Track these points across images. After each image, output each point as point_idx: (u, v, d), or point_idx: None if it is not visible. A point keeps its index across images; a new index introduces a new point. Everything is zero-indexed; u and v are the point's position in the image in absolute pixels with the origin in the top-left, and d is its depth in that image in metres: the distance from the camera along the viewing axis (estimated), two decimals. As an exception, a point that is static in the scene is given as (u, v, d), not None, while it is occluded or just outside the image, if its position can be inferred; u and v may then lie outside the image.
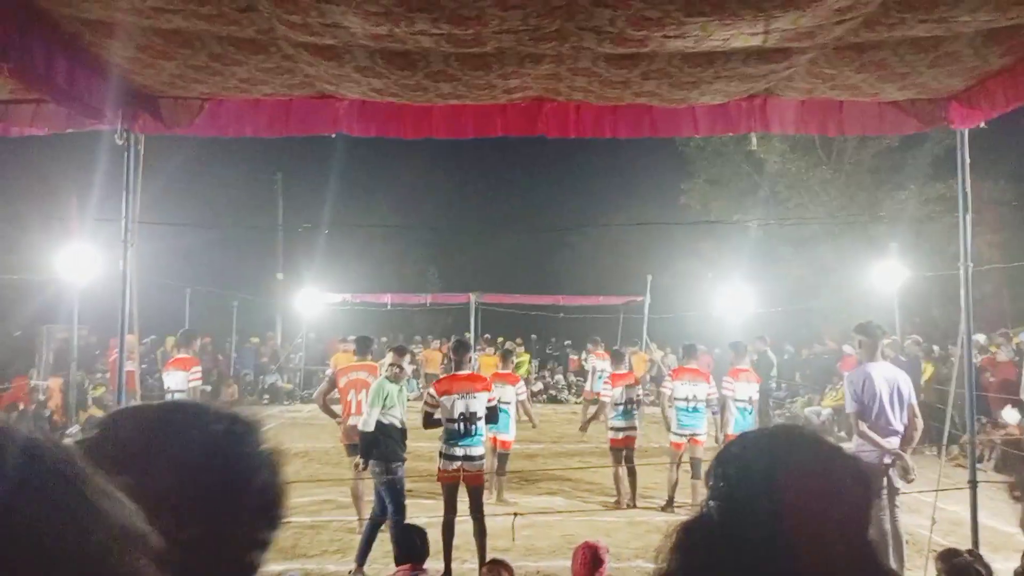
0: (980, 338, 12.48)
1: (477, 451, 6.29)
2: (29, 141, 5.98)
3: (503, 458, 8.79)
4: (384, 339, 22.22)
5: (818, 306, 20.00)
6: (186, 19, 3.71)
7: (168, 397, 8.13)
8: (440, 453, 6.34)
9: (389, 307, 22.32)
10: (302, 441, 13.50)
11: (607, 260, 29.52)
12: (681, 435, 8.33)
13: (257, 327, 23.07)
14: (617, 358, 9.56)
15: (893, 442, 5.61)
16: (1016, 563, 3.66)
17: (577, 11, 3.44)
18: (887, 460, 5.54)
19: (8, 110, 5.24)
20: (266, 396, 20.59)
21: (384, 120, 5.30)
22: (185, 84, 4.82)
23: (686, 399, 8.36)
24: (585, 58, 4.16)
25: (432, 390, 6.42)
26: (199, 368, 8.11)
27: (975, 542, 5.29)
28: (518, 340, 23.15)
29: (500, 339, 22.95)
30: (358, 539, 6.39)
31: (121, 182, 5.59)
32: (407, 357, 7.00)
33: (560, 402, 20.64)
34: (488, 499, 8.30)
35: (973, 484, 5.49)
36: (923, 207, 19.16)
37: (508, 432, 8.70)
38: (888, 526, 5.42)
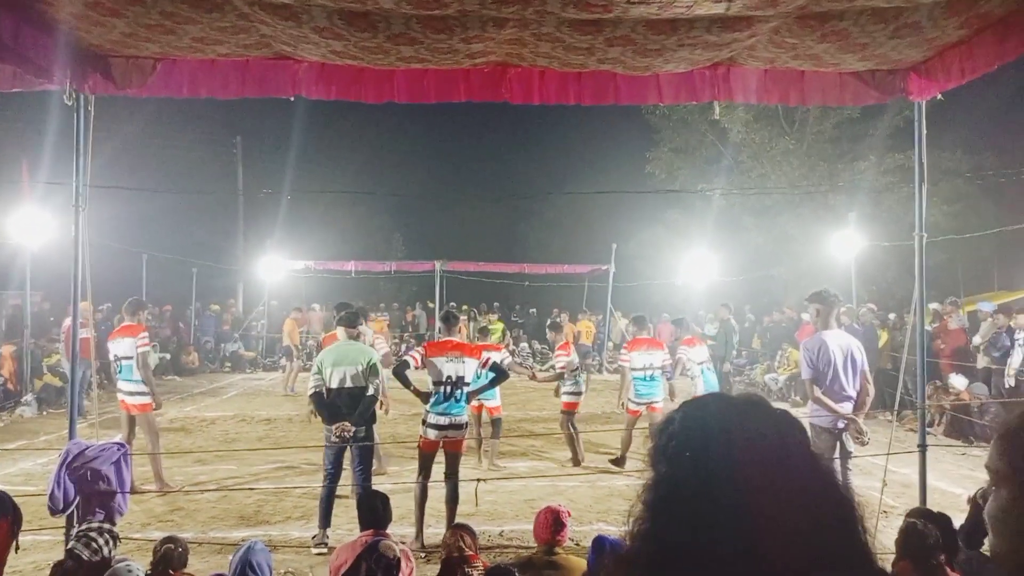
0: (935, 306, 12.82)
1: (462, 419, 6.30)
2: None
3: (497, 423, 9.13)
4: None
5: (778, 274, 20.33)
6: (135, -26, 3.57)
7: (116, 365, 7.91)
8: (424, 421, 6.30)
9: (353, 274, 22.13)
10: (264, 409, 13.44)
11: (573, 228, 29.57)
12: (638, 403, 8.63)
13: (218, 294, 22.74)
14: (555, 329, 10.17)
15: (846, 407, 5.75)
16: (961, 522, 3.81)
17: (540, -26, 3.39)
18: (840, 425, 5.69)
19: (-52, 67, 5.02)
20: (227, 364, 20.39)
21: (344, 83, 5.19)
22: (136, 43, 4.65)
23: (643, 368, 8.65)
24: (549, 23, 4.11)
25: (422, 350, 6.43)
26: (146, 334, 7.93)
27: (923, 502, 5.47)
28: (485, 309, 23.18)
29: (464, 306, 23.03)
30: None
31: (71, 146, 5.43)
32: (360, 323, 7.04)
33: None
34: (477, 466, 8.57)
35: (923, 448, 5.67)
36: (881, 178, 19.49)
37: (495, 399, 8.98)
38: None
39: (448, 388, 6.20)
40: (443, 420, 6.19)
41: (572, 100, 5.32)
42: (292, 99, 5.30)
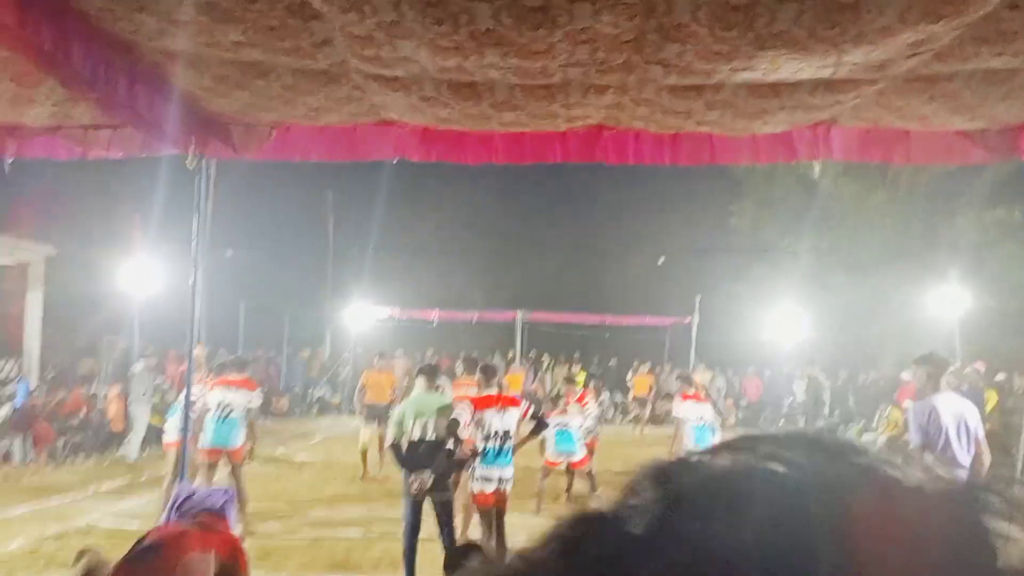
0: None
1: (510, 472, 6.33)
2: (96, 161, 6.21)
3: (591, 477, 9.13)
4: (430, 351, 22.45)
5: (873, 331, 19.54)
6: (264, 53, 3.85)
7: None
8: (474, 475, 6.33)
9: (436, 324, 22.49)
10: (352, 455, 13.65)
11: (655, 280, 29.23)
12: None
13: (308, 340, 23.45)
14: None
15: (959, 476, 5.46)
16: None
17: (646, 45, 3.48)
18: (952, 496, 5.39)
19: (88, 134, 5.48)
20: (315, 408, 20.92)
21: (446, 146, 5.39)
22: (256, 112, 4.98)
23: (699, 419, 8.90)
24: (649, 89, 4.19)
25: (471, 406, 6.47)
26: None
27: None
28: (563, 359, 23.11)
29: (544, 356, 23.03)
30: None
31: (182, 203, 5.81)
32: (439, 376, 7.15)
33: (606, 421, 20.46)
34: None
35: (1044, 523, 5.30)
36: (982, 234, 18.62)
37: (578, 452, 9.02)
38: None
39: (498, 442, 6.24)
40: (494, 473, 6.22)
41: (667, 160, 5.37)
42: (395, 162, 5.54)
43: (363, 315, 21.69)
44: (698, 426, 8.90)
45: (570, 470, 9.24)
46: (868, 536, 0.37)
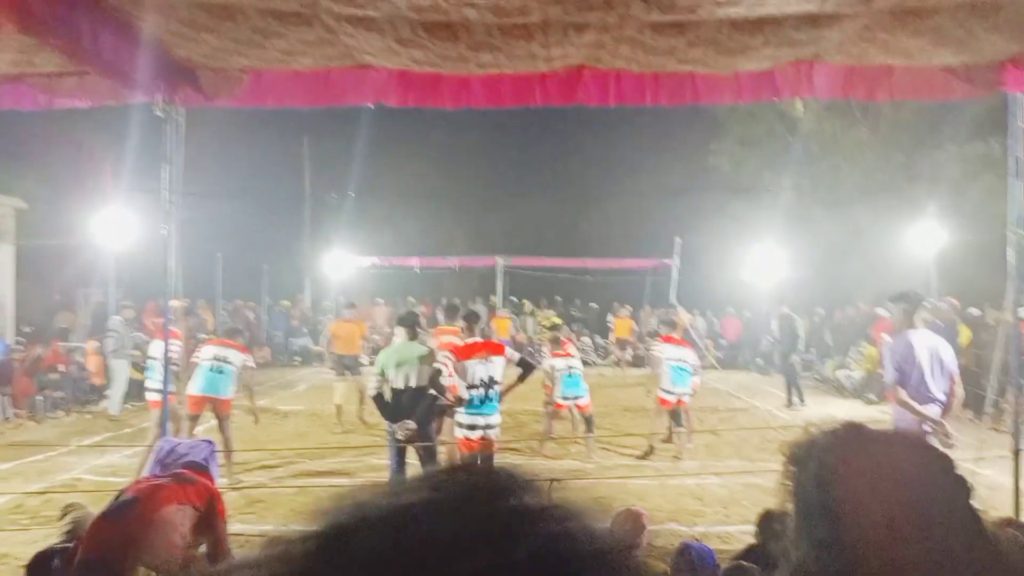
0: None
1: (496, 419, 6.37)
2: (65, 110, 6.03)
3: (589, 421, 9.32)
4: (411, 299, 22.45)
5: (851, 268, 19.73)
6: (231, -7, 3.70)
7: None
8: (459, 423, 6.39)
9: (418, 270, 22.42)
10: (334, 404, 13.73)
11: (634, 222, 29.25)
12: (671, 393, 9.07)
13: (287, 290, 23.31)
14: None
15: (932, 410, 5.58)
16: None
17: (627, -19, 3.38)
18: (926, 428, 5.52)
19: (53, 82, 5.29)
20: (296, 358, 20.92)
21: (423, 90, 5.27)
22: (226, 57, 4.82)
23: (680, 360, 9.11)
24: (630, 27, 4.09)
25: (452, 356, 6.46)
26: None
27: (1017, 511, 5.29)
28: (545, 304, 23.19)
29: (524, 301, 23.11)
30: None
31: (154, 152, 5.66)
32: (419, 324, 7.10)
33: (588, 364, 20.66)
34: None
35: (1016, 453, 5.47)
36: (962, 167, 18.67)
37: (585, 396, 9.25)
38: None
39: (483, 390, 6.26)
40: (479, 420, 6.27)
41: (649, 101, 5.28)
42: (372, 107, 5.41)
43: (343, 263, 21.55)
44: (677, 367, 9.08)
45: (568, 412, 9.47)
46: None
